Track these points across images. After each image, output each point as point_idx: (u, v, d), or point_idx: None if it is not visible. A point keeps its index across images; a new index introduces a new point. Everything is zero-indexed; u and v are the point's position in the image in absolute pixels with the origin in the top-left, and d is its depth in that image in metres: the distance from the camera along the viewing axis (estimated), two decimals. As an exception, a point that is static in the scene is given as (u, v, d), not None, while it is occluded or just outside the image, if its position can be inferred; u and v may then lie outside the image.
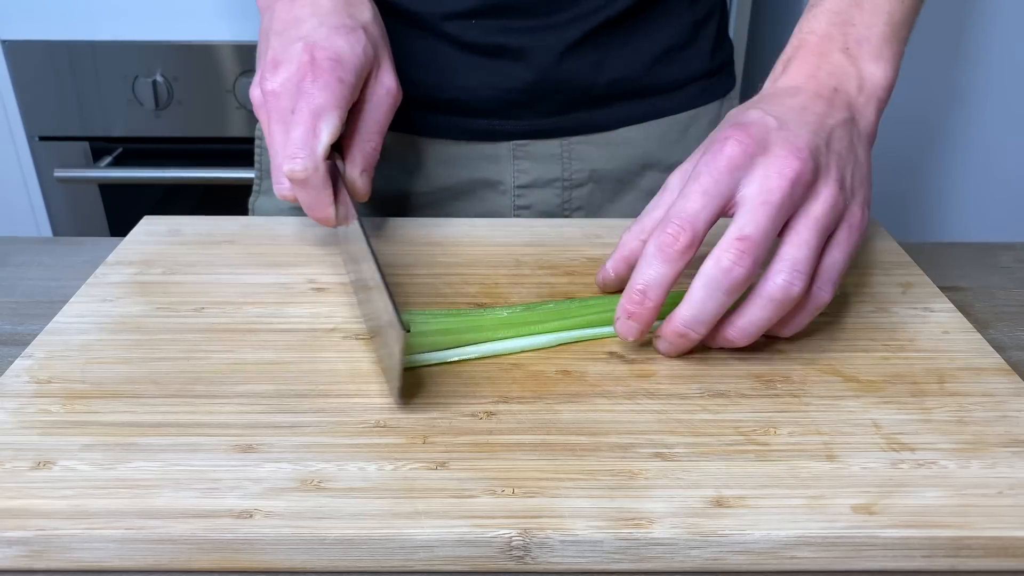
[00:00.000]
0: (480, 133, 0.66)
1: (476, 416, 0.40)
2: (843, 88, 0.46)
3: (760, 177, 0.41)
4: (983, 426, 0.39)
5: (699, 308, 0.41)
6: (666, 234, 0.41)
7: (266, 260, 0.54)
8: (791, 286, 0.40)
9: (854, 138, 0.45)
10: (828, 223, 0.41)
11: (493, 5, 0.62)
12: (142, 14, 1.16)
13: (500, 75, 0.64)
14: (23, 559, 0.33)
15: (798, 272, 0.40)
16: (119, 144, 1.23)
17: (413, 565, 0.34)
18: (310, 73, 0.48)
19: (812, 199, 0.41)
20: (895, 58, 0.48)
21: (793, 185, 0.40)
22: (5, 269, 0.57)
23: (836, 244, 0.43)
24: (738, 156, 0.41)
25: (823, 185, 0.42)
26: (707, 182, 0.41)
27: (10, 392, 0.41)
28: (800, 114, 0.44)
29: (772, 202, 0.40)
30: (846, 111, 0.45)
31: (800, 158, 0.41)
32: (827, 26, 0.48)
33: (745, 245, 0.39)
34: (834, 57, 0.47)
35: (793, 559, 0.34)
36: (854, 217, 0.43)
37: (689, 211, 0.41)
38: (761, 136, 0.42)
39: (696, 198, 0.41)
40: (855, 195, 0.43)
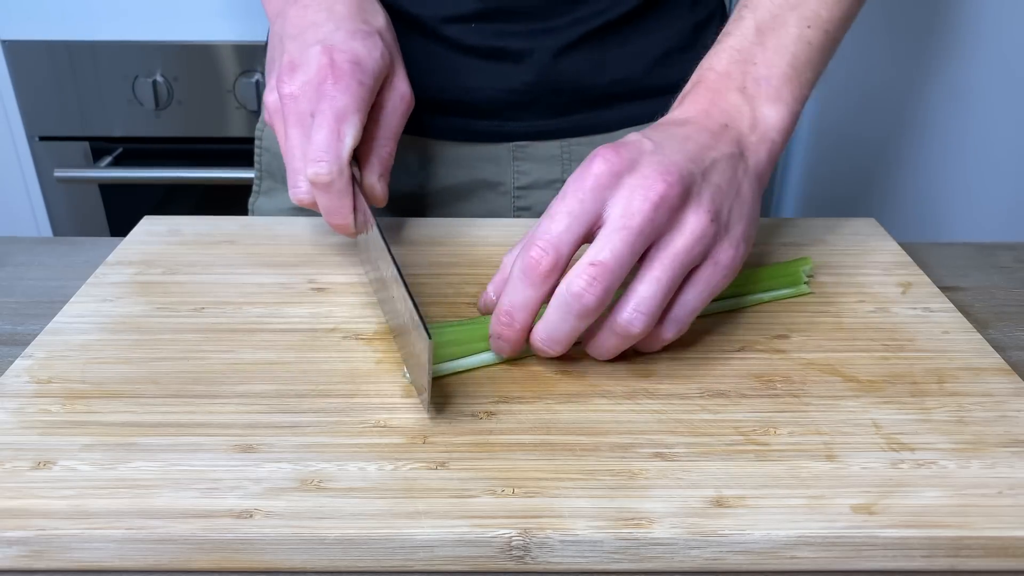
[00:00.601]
0: (480, 134, 0.66)
1: (476, 416, 0.40)
2: (734, 125, 0.45)
3: (624, 199, 0.39)
4: (983, 426, 0.39)
5: (554, 328, 0.40)
6: (529, 257, 0.40)
7: (266, 260, 0.54)
8: (631, 325, 0.40)
9: (739, 173, 0.43)
10: (689, 258, 0.40)
11: (493, 9, 0.62)
12: (142, 14, 1.16)
13: (500, 77, 0.64)
14: (23, 559, 0.33)
15: (639, 313, 0.39)
16: (119, 144, 1.23)
17: (413, 565, 0.34)
18: (331, 76, 0.48)
19: (676, 228, 0.40)
20: (796, 101, 0.47)
21: (656, 209, 0.39)
22: (5, 269, 0.57)
23: (694, 283, 0.41)
24: (604, 175, 0.40)
25: (691, 213, 0.40)
26: (572, 202, 0.40)
27: (10, 392, 0.41)
28: (681, 142, 0.42)
29: (631, 227, 0.39)
30: (734, 146, 0.44)
31: (666, 181, 0.39)
32: (727, 64, 0.48)
33: (597, 271, 0.38)
34: (730, 96, 0.46)
35: (793, 559, 0.34)
36: (723, 254, 0.41)
37: (552, 233, 0.40)
38: (632, 157, 0.40)
39: (560, 219, 0.40)
40: (728, 231, 0.42)
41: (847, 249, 0.56)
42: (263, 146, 0.71)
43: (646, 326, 0.40)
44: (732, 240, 0.42)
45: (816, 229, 0.59)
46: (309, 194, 0.49)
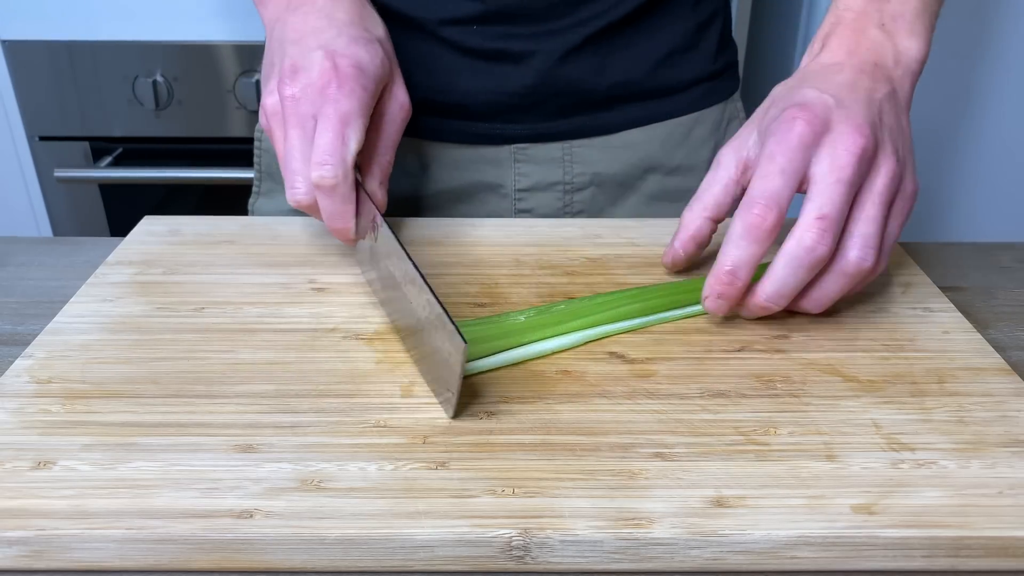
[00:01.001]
0: (481, 136, 0.66)
1: (476, 416, 0.40)
2: (882, 63, 0.48)
3: (828, 155, 0.43)
4: (983, 426, 0.39)
5: (781, 284, 0.43)
6: (753, 215, 0.42)
7: (266, 260, 0.54)
8: (863, 261, 0.43)
9: (898, 110, 0.47)
10: (890, 196, 0.44)
11: (495, 11, 0.61)
12: (142, 14, 1.16)
13: (501, 79, 0.64)
14: (23, 559, 0.33)
15: (870, 248, 0.43)
16: (119, 144, 1.23)
17: (413, 565, 0.34)
18: (335, 79, 0.48)
19: (875, 173, 0.44)
20: (927, 32, 0.50)
21: (860, 161, 0.42)
22: (5, 269, 0.57)
23: (893, 215, 0.45)
24: (807, 135, 0.43)
25: (883, 159, 0.44)
26: (783, 161, 0.43)
27: (10, 392, 0.41)
28: (851, 91, 0.45)
29: (844, 179, 0.42)
30: (888, 84, 0.47)
31: (863, 134, 0.43)
32: (863, 3, 0.50)
33: (825, 224, 0.42)
34: (871, 33, 0.49)
35: (793, 559, 0.34)
36: (907, 186, 0.45)
37: (772, 191, 0.43)
38: (824, 114, 0.44)
39: (776, 178, 0.43)
40: (906, 167, 0.45)
41: (847, 249, 0.56)
42: (263, 147, 0.71)
43: (876, 260, 0.43)
44: (910, 173, 0.46)
45: (816, 229, 0.59)
46: (308, 196, 0.49)
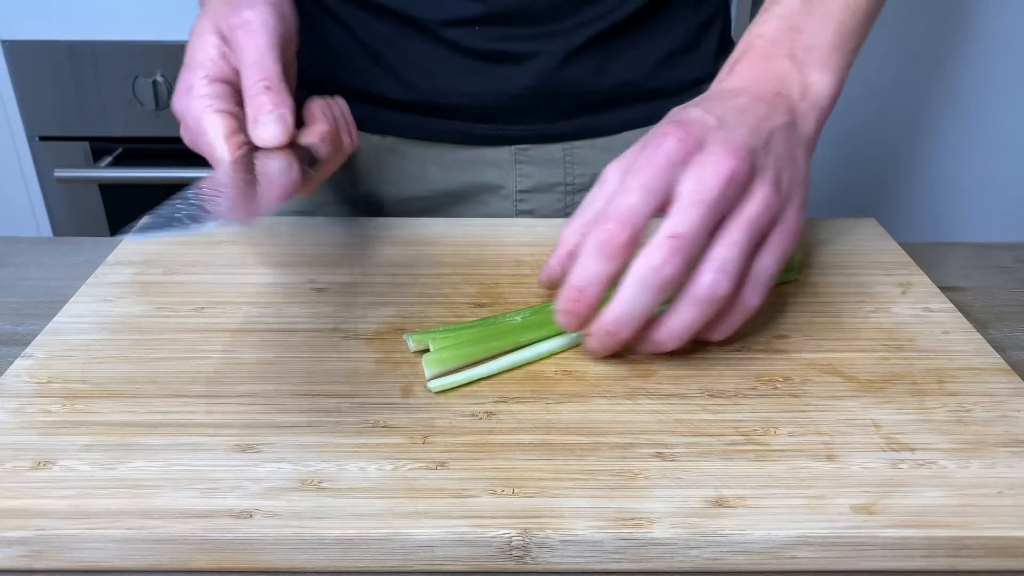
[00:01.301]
0: (482, 137, 0.66)
1: (476, 416, 0.40)
2: (785, 92, 0.46)
3: (696, 175, 0.40)
4: (983, 426, 0.39)
5: (629, 305, 0.40)
6: (605, 230, 0.40)
7: (266, 260, 0.54)
8: (717, 285, 0.40)
9: (793, 142, 0.44)
10: (761, 224, 0.41)
11: (496, 13, 0.61)
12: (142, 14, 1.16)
13: (502, 80, 0.64)
14: (23, 559, 0.33)
15: (725, 272, 0.40)
16: (119, 144, 1.24)
17: (413, 565, 0.34)
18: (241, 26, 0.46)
19: (747, 199, 0.41)
20: (841, 68, 0.48)
21: (728, 184, 0.40)
22: (5, 269, 0.57)
23: (768, 247, 0.42)
24: (676, 152, 0.41)
25: (759, 186, 0.41)
26: (645, 177, 0.40)
27: (10, 392, 0.41)
28: (740, 114, 0.43)
29: (705, 200, 0.39)
30: (787, 115, 0.45)
31: (737, 157, 0.40)
32: (775, 31, 0.48)
33: (676, 243, 0.39)
34: (780, 63, 0.47)
35: (793, 559, 0.34)
36: (789, 220, 0.42)
37: (628, 206, 0.40)
38: (699, 134, 0.41)
39: (635, 194, 0.40)
40: (791, 198, 0.43)
41: (847, 249, 0.56)
42: None
43: (730, 287, 0.40)
44: (795, 207, 0.43)
45: (816, 229, 0.59)
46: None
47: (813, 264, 0.54)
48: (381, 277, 0.52)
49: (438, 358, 0.42)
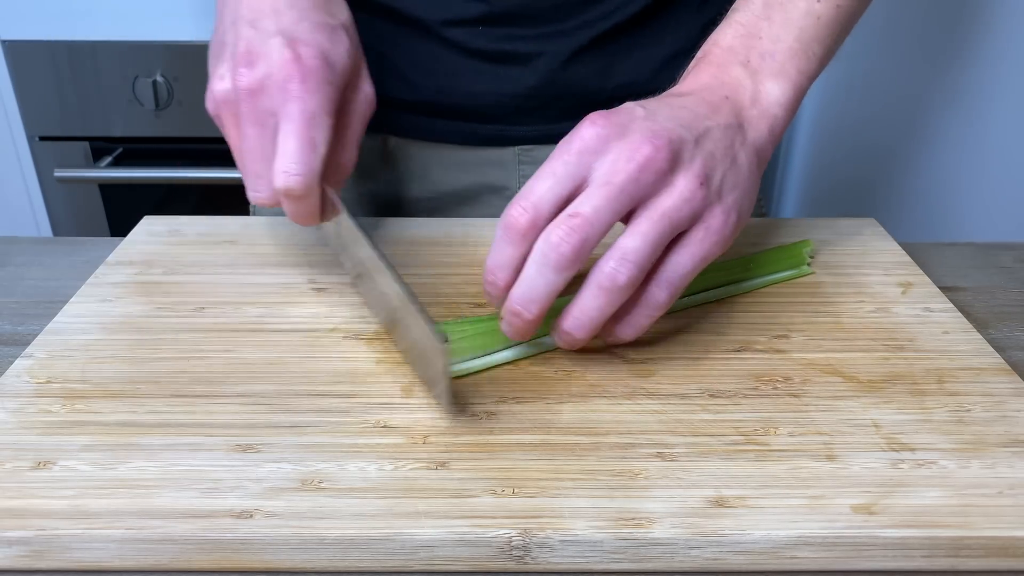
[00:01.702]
0: (485, 138, 0.66)
1: (476, 416, 0.40)
2: (734, 98, 0.45)
3: (610, 160, 0.40)
4: (983, 426, 0.39)
5: (529, 285, 0.39)
6: (509, 215, 0.40)
7: (266, 260, 0.54)
8: (616, 273, 0.39)
9: (736, 144, 0.43)
10: (677, 219, 0.40)
11: (500, 13, 0.61)
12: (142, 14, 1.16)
13: (506, 81, 0.63)
14: (23, 559, 0.33)
15: (626, 261, 0.39)
16: (119, 144, 1.23)
17: (413, 565, 0.34)
18: (298, 74, 0.44)
19: (664, 190, 0.40)
20: (801, 75, 0.47)
21: (641, 170, 0.39)
22: (5, 269, 0.57)
23: (685, 244, 0.41)
24: (591, 139, 0.40)
25: (680, 178, 0.40)
26: (556, 164, 0.40)
27: (10, 392, 0.41)
28: (676, 110, 0.42)
29: (614, 183, 0.39)
30: (732, 118, 0.44)
31: (654, 144, 0.39)
32: (732, 38, 0.48)
33: (575, 222, 0.38)
34: (733, 70, 0.46)
35: (793, 559, 0.34)
36: (714, 220, 0.41)
37: (536, 192, 0.40)
38: (623, 122, 0.40)
39: (545, 180, 0.40)
40: (721, 199, 0.41)
41: (847, 249, 0.56)
42: None
43: (631, 276, 0.39)
44: (723, 207, 0.41)
45: (816, 229, 0.59)
46: (271, 198, 0.46)
47: (813, 264, 0.54)
48: (381, 277, 0.52)
49: (455, 348, 0.42)
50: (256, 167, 0.45)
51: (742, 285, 0.51)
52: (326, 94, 0.45)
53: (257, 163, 0.45)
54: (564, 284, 0.40)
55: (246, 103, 0.45)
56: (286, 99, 0.44)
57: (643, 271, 0.40)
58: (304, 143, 0.44)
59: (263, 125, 0.45)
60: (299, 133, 0.44)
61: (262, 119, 0.45)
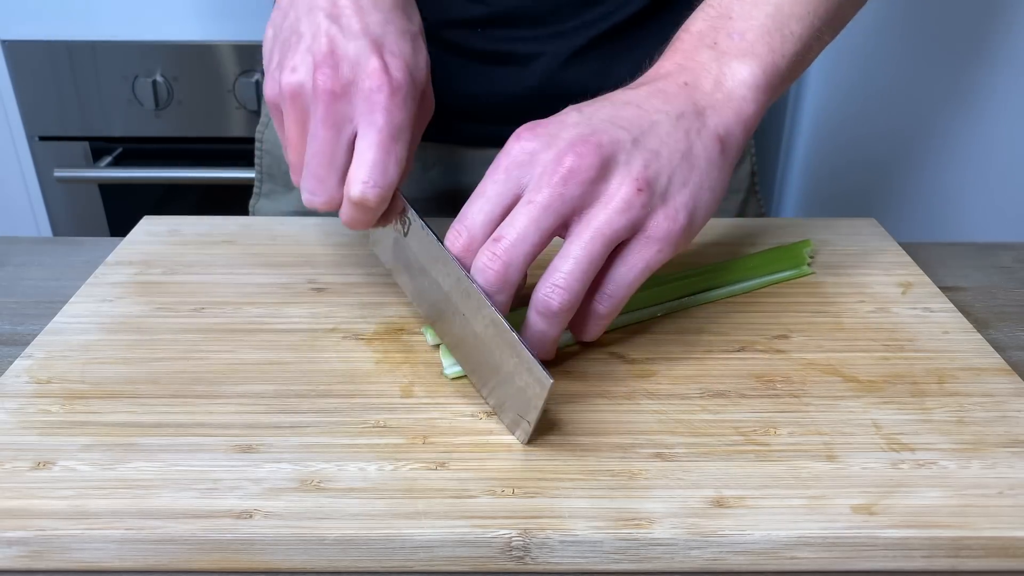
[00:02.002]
0: (484, 139, 0.66)
1: (476, 416, 0.40)
2: (693, 83, 0.43)
3: (536, 175, 0.39)
4: (983, 426, 0.39)
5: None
6: (447, 239, 0.40)
7: (266, 260, 0.54)
8: (549, 300, 0.38)
9: (691, 135, 0.41)
10: (611, 231, 0.38)
11: (499, 14, 0.61)
12: (142, 14, 1.16)
13: (505, 81, 0.63)
14: (23, 559, 0.33)
15: (558, 287, 0.38)
16: (119, 144, 1.23)
17: (413, 565, 0.34)
18: (387, 86, 0.42)
19: (598, 200, 0.39)
20: (773, 54, 0.44)
21: (565, 182, 0.38)
22: (5, 269, 0.57)
23: (625, 255, 0.40)
24: (517, 154, 0.39)
25: (616, 185, 0.39)
26: (487, 183, 0.40)
27: (10, 392, 0.41)
28: (617, 108, 0.41)
29: (536, 202, 0.38)
30: (687, 105, 0.42)
31: (577, 152, 0.38)
32: (702, 22, 0.45)
33: (498, 247, 0.38)
34: (699, 54, 0.44)
35: (793, 559, 0.34)
36: (658, 228, 0.39)
37: (467, 215, 0.40)
38: (551, 132, 0.40)
39: (475, 202, 0.40)
40: (666, 200, 0.40)
41: (847, 249, 0.56)
42: (264, 148, 0.71)
43: (564, 301, 0.38)
44: (669, 211, 0.40)
45: (816, 229, 0.59)
46: (328, 205, 0.45)
47: (813, 264, 0.54)
48: (381, 277, 0.52)
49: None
50: (320, 171, 0.44)
51: (742, 285, 0.50)
52: (410, 109, 0.44)
53: (323, 167, 0.44)
54: (504, 305, 0.39)
55: (323, 105, 0.43)
56: (372, 109, 0.42)
57: (578, 294, 0.39)
58: (387, 155, 0.43)
59: (338, 130, 0.43)
60: (383, 145, 0.42)
61: (338, 123, 0.43)
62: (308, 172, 0.44)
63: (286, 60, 0.44)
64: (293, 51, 0.44)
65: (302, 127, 0.44)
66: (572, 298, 0.38)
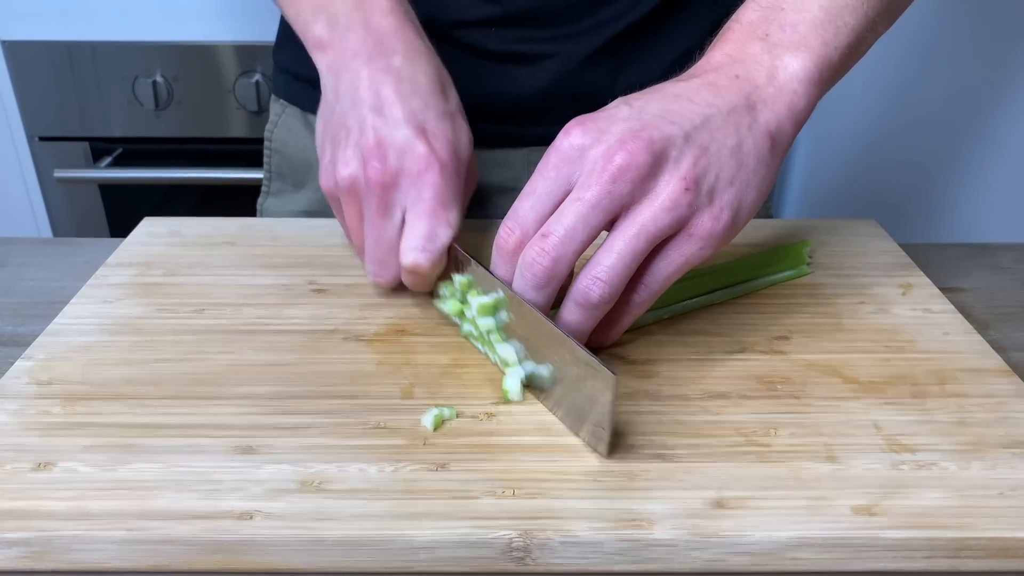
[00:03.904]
0: (495, 139, 0.65)
1: (476, 417, 0.40)
2: (746, 76, 0.42)
3: (585, 172, 0.39)
4: (984, 427, 0.39)
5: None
6: (498, 236, 0.41)
7: (266, 261, 0.54)
8: (589, 292, 0.39)
9: (741, 129, 0.41)
10: (656, 228, 0.39)
11: (513, 14, 0.61)
12: (142, 14, 1.16)
13: (516, 82, 0.63)
14: (24, 560, 0.33)
15: (599, 280, 0.38)
16: (119, 144, 1.23)
17: (414, 566, 0.34)
18: (435, 166, 0.45)
19: (646, 197, 0.39)
20: (827, 47, 0.43)
21: (615, 180, 0.38)
22: (5, 270, 0.57)
23: (666, 251, 0.40)
24: (567, 150, 0.40)
25: (663, 183, 0.39)
26: (537, 180, 0.40)
27: (11, 393, 0.41)
28: (668, 102, 0.41)
29: (585, 199, 0.38)
30: (740, 99, 0.41)
31: (628, 150, 0.38)
32: (753, 12, 0.45)
33: (547, 243, 0.39)
34: (751, 46, 0.43)
35: (794, 560, 0.34)
36: (701, 227, 0.39)
37: (519, 212, 0.41)
38: (602, 127, 0.39)
39: (526, 199, 0.41)
40: (713, 200, 0.40)
41: (847, 250, 0.56)
42: (273, 148, 0.71)
43: (604, 294, 0.39)
44: (714, 210, 0.40)
45: (816, 230, 0.59)
46: (393, 283, 0.48)
47: (813, 265, 0.54)
48: (381, 278, 0.52)
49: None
50: (380, 255, 0.47)
51: (742, 287, 0.50)
52: (456, 185, 0.46)
53: (382, 251, 0.47)
54: (549, 299, 0.40)
55: (377, 195, 0.45)
56: (420, 188, 0.45)
57: (618, 288, 0.39)
58: (435, 222, 0.45)
59: (391, 216, 0.46)
60: (431, 213, 0.45)
61: (390, 210, 0.46)
62: (370, 257, 0.47)
63: (338, 154, 0.47)
64: (343, 146, 0.47)
65: (360, 214, 0.47)
66: (612, 291, 0.39)
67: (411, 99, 0.47)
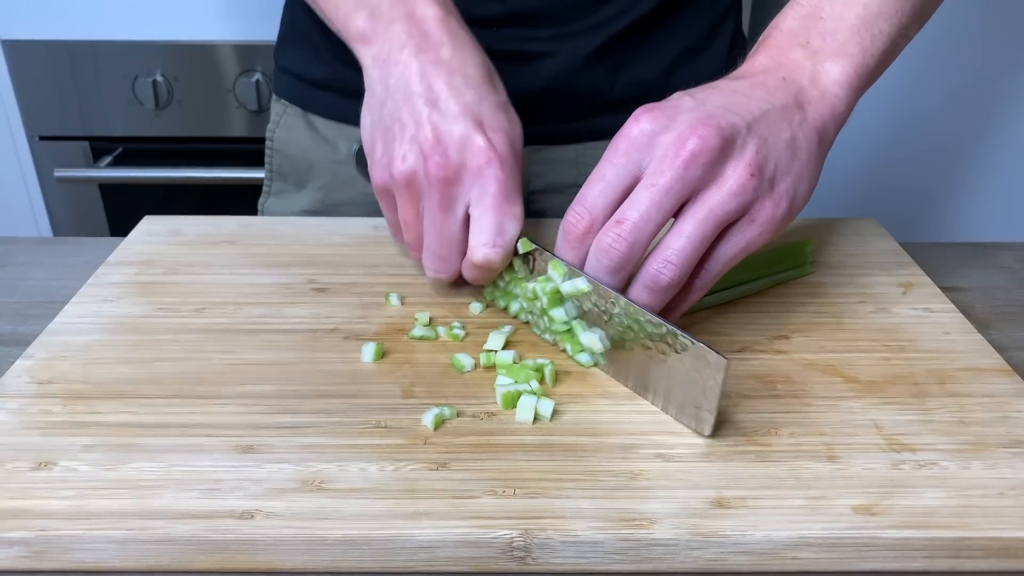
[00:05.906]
0: None
1: (477, 417, 0.40)
2: (792, 79, 0.44)
3: (657, 157, 0.40)
4: (984, 427, 0.39)
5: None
6: (567, 220, 0.41)
7: (267, 260, 0.54)
8: (660, 275, 0.40)
9: (794, 124, 0.42)
10: (724, 213, 0.40)
11: (517, 13, 0.61)
12: (142, 14, 1.16)
13: (517, 80, 0.63)
14: (24, 559, 0.33)
15: (670, 264, 0.39)
16: (119, 144, 1.23)
17: (414, 566, 0.34)
18: (495, 160, 0.45)
19: (714, 183, 0.40)
20: (864, 53, 0.45)
21: (688, 166, 0.39)
22: (5, 269, 0.57)
23: (728, 238, 0.41)
24: (637, 136, 0.40)
25: (731, 169, 0.40)
26: (605, 167, 0.41)
27: (11, 392, 0.41)
28: (728, 95, 0.42)
29: (659, 185, 0.39)
30: (790, 98, 0.43)
31: (700, 136, 0.39)
32: (792, 20, 0.46)
33: (622, 228, 0.39)
34: (793, 53, 0.45)
35: (794, 560, 0.34)
36: (763, 212, 0.41)
37: (587, 197, 0.41)
38: (670, 115, 0.40)
39: (595, 184, 0.41)
40: (773, 186, 0.41)
41: (847, 249, 0.56)
42: (274, 148, 0.71)
43: (674, 277, 0.40)
44: (775, 196, 0.41)
45: (816, 229, 0.59)
46: (453, 277, 0.48)
47: (814, 264, 0.54)
48: (381, 277, 0.52)
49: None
50: (442, 251, 0.46)
51: (743, 287, 0.50)
52: (517, 177, 0.46)
53: (444, 247, 0.46)
54: (622, 284, 0.41)
55: (438, 191, 0.45)
56: (483, 183, 0.45)
57: (687, 271, 0.40)
58: (503, 216, 0.45)
59: (453, 211, 0.45)
60: (498, 208, 0.45)
61: (452, 205, 0.45)
62: (430, 252, 0.47)
63: (394, 149, 0.46)
64: (399, 140, 0.46)
65: (417, 210, 0.47)
66: (682, 274, 0.40)
67: (465, 92, 0.46)
